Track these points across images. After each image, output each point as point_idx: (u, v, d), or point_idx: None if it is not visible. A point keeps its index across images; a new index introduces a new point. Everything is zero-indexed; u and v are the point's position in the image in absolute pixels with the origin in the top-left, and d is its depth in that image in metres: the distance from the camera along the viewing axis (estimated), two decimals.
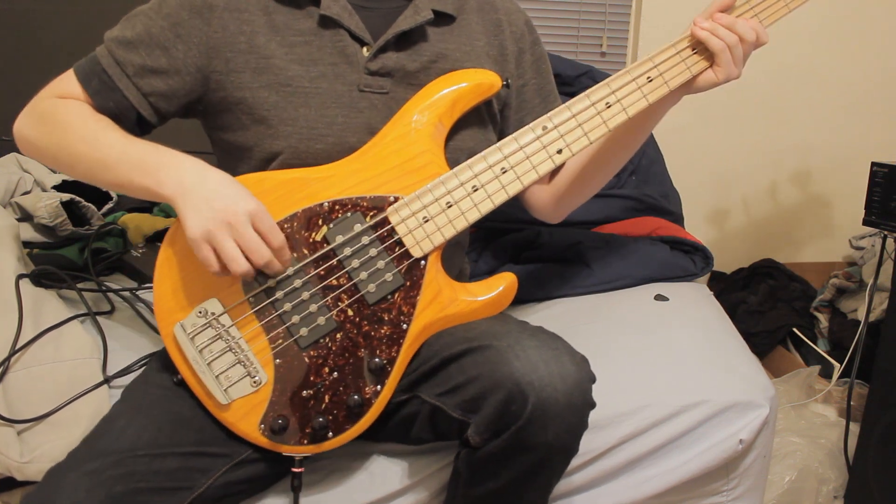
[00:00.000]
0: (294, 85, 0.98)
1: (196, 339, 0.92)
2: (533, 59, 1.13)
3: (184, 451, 0.90)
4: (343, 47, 0.99)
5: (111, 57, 0.98)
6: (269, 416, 0.92)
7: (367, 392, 0.93)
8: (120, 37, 0.98)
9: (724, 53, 0.97)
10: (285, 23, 0.99)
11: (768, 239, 2.40)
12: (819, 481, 1.61)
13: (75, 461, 0.86)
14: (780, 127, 2.33)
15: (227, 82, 0.99)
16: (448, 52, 1.04)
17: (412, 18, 1.00)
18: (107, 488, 0.83)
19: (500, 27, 1.09)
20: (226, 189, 0.87)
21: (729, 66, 0.98)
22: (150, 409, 0.94)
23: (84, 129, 0.94)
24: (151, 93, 0.99)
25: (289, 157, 0.98)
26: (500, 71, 1.08)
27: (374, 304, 0.94)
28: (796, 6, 1.03)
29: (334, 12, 0.98)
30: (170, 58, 0.98)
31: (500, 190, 0.97)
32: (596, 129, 0.99)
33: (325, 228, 0.94)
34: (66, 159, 0.96)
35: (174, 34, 0.97)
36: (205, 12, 0.98)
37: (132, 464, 0.86)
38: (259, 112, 0.98)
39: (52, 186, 1.55)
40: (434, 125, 0.98)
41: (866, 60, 2.28)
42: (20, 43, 1.94)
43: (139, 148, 0.92)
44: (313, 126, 0.98)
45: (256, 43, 0.98)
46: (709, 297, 1.47)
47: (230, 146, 1.02)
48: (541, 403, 0.83)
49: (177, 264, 0.94)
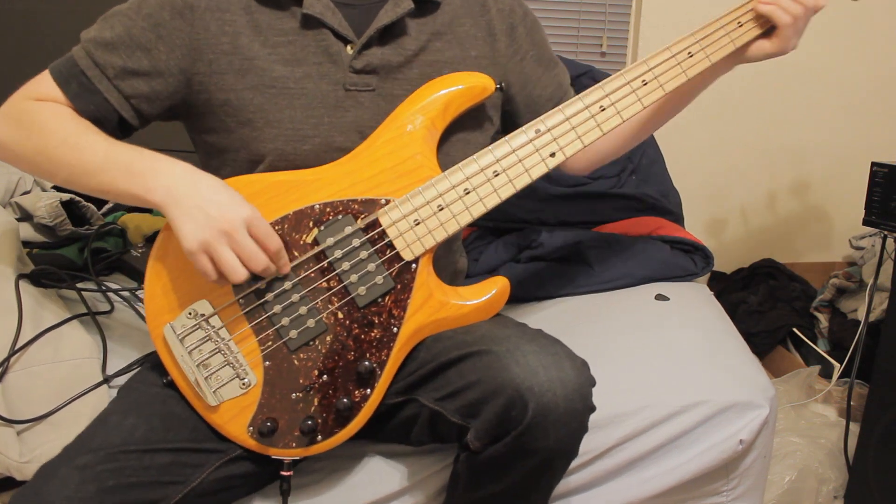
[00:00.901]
0: (279, 86, 0.96)
1: (185, 340, 0.92)
2: (526, 31, 1.10)
3: (176, 447, 0.90)
4: (327, 46, 0.97)
5: (90, 59, 0.95)
6: (257, 418, 0.92)
7: (356, 395, 0.93)
8: (98, 38, 0.95)
9: (788, 28, 0.97)
10: (268, 23, 0.97)
11: (768, 239, 2.40)
12: (819, 481, 1.61)
13: (67, 456, 0.86)
14: (781, 127, 2.32)
15: (210, 84, 0.97)
16: (433, 40, 1.01)
17: (392, 12, 0.98)
18: (98, 482, 0.83)
19: (486, 6, 1.06)
20: (219, 195, 0.86)
21: (790, 40, 0.99)
22: (143, 406, 0.94)
23: (65, 132, 0.91)
24: (133, 95, 0.96)
25: (275, 160, 0.97)
26: (490, 52, 1.05)
27: (364, 307, 0.93)
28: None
29: (317, 11, 0.96)
30: (151, 59, 0.95)
31: (491, 193, 0.96)
32: (590, 132, 0.98)
33: (315, 230, 0.93)
34: (45, 165, 0.92)
35: (155, 35, 0.95)
36: (186, 13, 0.95)
37: (124, 459, 0.86)
38: (244, 114, 0.96)
39: (51, 186, 1.55)
40: (426, 128, 0.97)
41: (867, 60, 2.28)
42: (20, 43, 1.94)
43: (124, 152, 0.89)
44: (299, 127, 0.97)
45: (240, 44, 0.96)
46: (709, 297, 1.47)
47: (214, 149, 1.01)
48: (541, 409, 0.83)
49: (167, 266, 0.94)
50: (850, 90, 2.30)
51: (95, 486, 0.83)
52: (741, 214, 2.40)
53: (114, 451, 0.86)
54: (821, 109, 2.31)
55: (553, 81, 1.13)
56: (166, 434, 0.91)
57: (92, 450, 0.86)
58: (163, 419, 0.92)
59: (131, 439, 0.88)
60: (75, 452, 0.86)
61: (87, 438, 0.89)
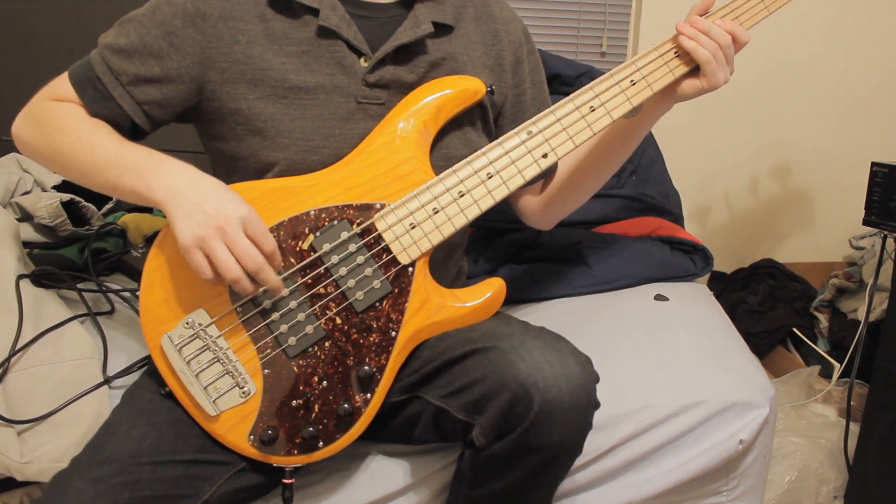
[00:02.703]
0: (291, 97, 0.97)
1: (183, 350, 0.92)
2: (530, 68, 1.13)
3: (186, 459, 0.90)
4: (341, 58, 0.98)
5: (105, 65, 0.97)
6: (258, 426, 0.92)
7: (356, 401, 0.93)
8: (114, 44, 0.98)
9: (709, 64, 0.97)
10: (283, 32, 0.98)
11: (768, 239, 2.40)
12: (819, 481, 1.61)
13: (80, 468, 0.86)
14: (780, 127, 2.32)
15: (221, 93, 0.97)
16: (445, 62, 1.03)
17: (412, 31, 0.99)
18: (113, 496, 0.83)
19: (498, 37, 1.08)
20: (217, 195, 0.87)
21: (714, 75, 0.98)
22: (150, 414, 0.94)
23: (79, 132, 0.94)
24: (146, 101, 0.98)
25: (284, 169, 0.97)
26: (497, 81, 1.07)
27: (362, 312, 0.93)
28: (776, 8, 1.02)
29: (333, 23, 0.97)
30: (164, 67, 0.97)
31: (486, 195, 0.97)
32: (580, 132, 0.99)
33: (311, 237, 0.93)
34: (61, 161, 0.96)
35: (168, 43, 0.96)
36: (198, 21, 0.96)
37: (136, 471, 0.86)
38: (255, 123, 0.97)
39: (52, 186, 1.55)
40: (419, 132, 0.97)
41: (867, 60, 2.28)
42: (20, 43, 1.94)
43: (132, 152, 0.92)
44: (310, 138, 0.97)
45: (253, 53, 0.97)
46: (709, 297, 1.47)
47: (223, 155, 1.02)
48: (546, 404, 0.83)
49: (163, 275, 0.94)
50: (850, 90, 2.30)
51: (111, 500, 0.83)
52: (741, 214, 2.40)
53: (127, 463, 0.86)
54: (820, 109, 2.31)
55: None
56: (175, 443, 0.91)
57: (104, 461, 0.86)
58: (171, 426, 0.92)
59: (142, 450, 0.88)
60: (87, 464, 0.86)
61: (97, 448, 0.89)
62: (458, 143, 1.03)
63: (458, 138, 1.03)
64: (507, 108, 1.11)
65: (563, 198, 1.17)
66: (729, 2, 1.01)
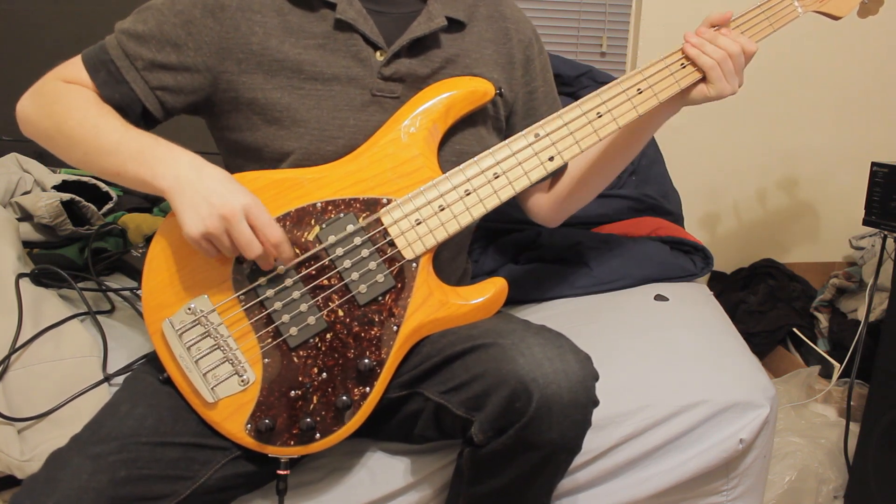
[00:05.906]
0: (307, 87, 0.98)
1: (184, 335, 0.92)
2: (540, 67, 1.15)
3: (184, 442, 0.91)
4: (357, 51, 0.99)
5: (121, 49, 0.97)
6: (256, 415, 0.92)
7: (355, 394, 0.93)
8: (131, 29, 0.98)
9: (713, 70, 1.00)
10: (300, 24, 0.99)
11: (768, 239, 2.40)
12: (819, 481, 1.61)
13: (79, 444, 0.87)
14: (780, 127, 2.32)
15: (238, 83, 0.98)
16: (458, 58, 1.04)
17: (426, 25, 1.01)
18: (111, 472, 0.83)
19: (508, 35, 1.10)
20: (221, 185, 0.87)
21: (721, 82, 1.00)
22: (151, 396, 0.94)
23: (85, 113, 0.94)
24: (159, 87, 0.98)
25: (299, 159, 0.98)
26: (507, 78, 1.09)
27: (364, 305, 0.94)
28: (780, 26, 1.06)
29: (350, 17, 0.98)
30: (180, 55, 0.97)
31: (492, 195, 0.98)
32: (587, 137, 1.00)
33: (317, 228, 0.94)
34: (63, 142, 0.95)
35: (186, 32, 0.97)
36: (217, 12, 0.97)
37: (135, 450, 0.86)
38: (272, 113, 0.98)
39: (52, 186, 1.55)
40: (428, 130, 0.98)
41: (866, 60, 2.28)
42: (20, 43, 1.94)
43: (138, 138, 0.91)
44: (325, 128, 0.98)
45: (270, 45, 0.98)
46: (709, 297, 1.47)
47: (238, 146, 1.02)
48: (545, 400, 0.83)
49: (166, 261, 0.94)
50: (849, 90, 2.30)
51: (108, 477, 0.83)
52: (741, 214, 2.40)
53: (126, 442, 0.86)
54: (820, 109, 2.31)
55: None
56: (174, 426, 0.91)
57: (104, 439, 0.86)
58: (170, 409, 0.93)
59: (142, 429, 0.88)
60: (87, 441, 0.87)
61: (97, 426, 0.89)
62: (470, 139, 1.04)
63: (470, 135, 1.05)
64: (518, 106, 1.12)
65: (571, 195, 1.18)
66: (734, 18, 1.03)
